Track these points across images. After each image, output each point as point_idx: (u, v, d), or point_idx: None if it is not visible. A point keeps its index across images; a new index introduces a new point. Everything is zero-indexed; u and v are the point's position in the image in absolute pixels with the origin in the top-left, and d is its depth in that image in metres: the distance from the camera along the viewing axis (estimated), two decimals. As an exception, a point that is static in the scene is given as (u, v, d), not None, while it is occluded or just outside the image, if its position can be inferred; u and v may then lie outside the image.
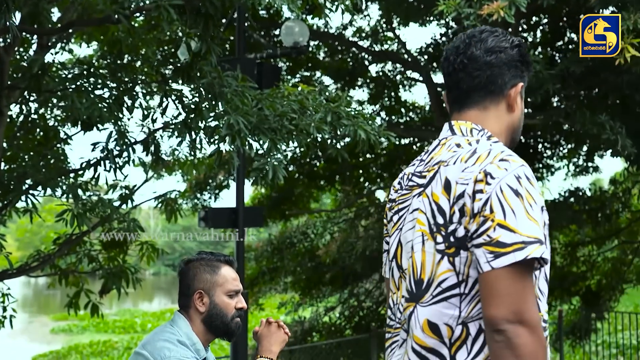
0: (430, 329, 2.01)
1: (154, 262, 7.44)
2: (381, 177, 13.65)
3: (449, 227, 2.00)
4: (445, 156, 2.10)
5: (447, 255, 2.00)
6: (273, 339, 3.16)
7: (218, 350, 19.91)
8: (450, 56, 2.21)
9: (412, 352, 2.04)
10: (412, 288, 2.07)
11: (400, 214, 2.19)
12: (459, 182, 1.99)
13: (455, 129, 2.18)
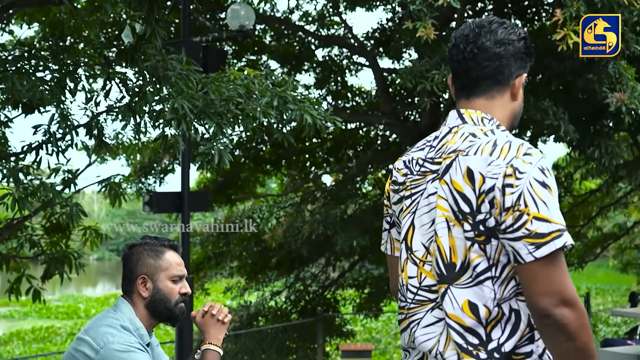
0: (470, 309, 2.15)
1: (98, 247, 7.35)
2: (327, 161, 13.67)
3: (476, 217, 2.14)
4: (462, 145, 2.21)
5: (478, 242, 2.15)
6: (216, 326, 3.15)
7: (163, 335, 19.81)
8: (460, 44, 2.31)
9: (451, 330, 2.17)
10: (443, 270, 2.20)
11: (413, 198, 2.30)
12: (487, 176, 2.12)
13: (465, 118, 2.29)
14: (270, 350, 12.04)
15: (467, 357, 2.14)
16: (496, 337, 2.14)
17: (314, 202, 13.08)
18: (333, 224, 10.66)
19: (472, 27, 2.31)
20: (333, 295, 13.68)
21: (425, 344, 2.24)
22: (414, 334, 2.28)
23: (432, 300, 2.25)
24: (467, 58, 2.30)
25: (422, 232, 2.27)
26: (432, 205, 2.23)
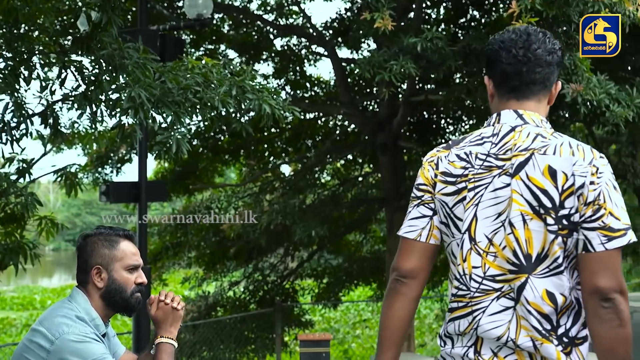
0: (549, 297, 2.35)
1: (54, 237, 7.27)
2: (286, 151, 13.65)
3: (559, 212, 2.35)
4: (533, 144, 2.41)
5: (561, 235, 2.35)
6: (170, 319, 3.13)
7: (120, 326, 19.70)
8: (512, 48, 2.50)
9: (531, 316, 2.36)
10: (522, 261, 2.37)
11: (477, 190, 2.44)
12: (576, 174, 2.35)
13: (526, 118, 2.49)
14: (229, 340, 12.02)
15: (546, 342, 2.34)
16: (564, 323, 2.37)
17: (272, 192, 13.07)
18: (292, 214, 10.66)
19: (519, 34, 2.52)
20: (292, 285, 13.69)
21: (493, 331, 2.39)
22: (479, 321, 2.41)
23: (497, 289, 2.40)
24: (520, 62, 2.49)
25: (485, 224, 2.42)
26: (500, 199, 2.40)
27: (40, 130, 5.68)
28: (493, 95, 2.59)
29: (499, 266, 2.39)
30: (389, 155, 11.12)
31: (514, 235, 2.37)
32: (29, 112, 5.38)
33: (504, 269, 2.38)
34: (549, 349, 2.35)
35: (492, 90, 2.59)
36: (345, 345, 16.53)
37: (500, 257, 2.39)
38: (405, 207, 2.80)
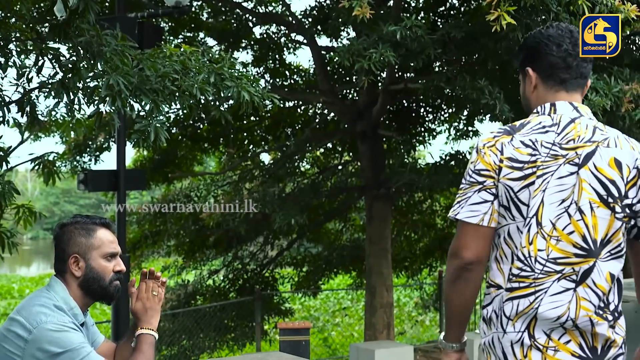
0: (611, 279, 2.59)
1: (32, 226, 7.22)
2: (265, 139, 13.64)
3: (623, 201, 2.58)
4: (595, 137, 2.62)
5: (624, 222, 2.60)
6: (149, 312, 3.13)
7: (99, 315, 19.64)
8: (562, 43, 2.73)
9: (595, 297, 2.58)
10: (591, 246, 2.57)
11: (544, 177, 2.57)
12: (638, 167, 2.61)
13: (581, 111, 2.69)
14: (209, 328, 12.02)
15: (601, 320, 2.56)
16: (612, 300, 2.60)
17: (252, 181, 13.05)
18: (271, 203, 10.64)
19: (564, 30, 2.78)
20: (271, 274, 13.69)
21: (552, 312, 2.55)
22: (540, 301, 2.56)
23: (558, 271, 2.57)
24: (571, 56, 2.73)
25: (550, 210, 2.57)
26: (565, 186, 2.57)
27: (17, 118, 5.63)
28: (537, 86, 2.74)
29: (562, 249, 2.57)
30: (369, 143, 11.12)
31: (583, 221, 2.57)
32: (6, 99, 5.33)
33: (568, 253, 2.57)
34: (603, 327, 2.57)
35: (536, 81, 2.74)
36: (325, 333, 16.56)
37: (565, 241, 2.57)
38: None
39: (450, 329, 2.77)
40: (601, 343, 2.58)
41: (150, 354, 3.02)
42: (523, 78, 2.80)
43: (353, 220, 14.57)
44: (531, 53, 2.75)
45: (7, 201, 6.19)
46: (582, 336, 2.57)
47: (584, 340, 2.58)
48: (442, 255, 13.41)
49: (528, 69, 2.76)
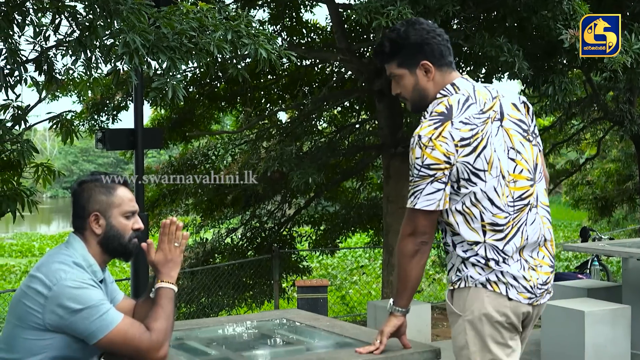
0: (545, 192, 3.26)
1: (51, 184, 7.28)
2: (282, 98, 13.58)
3: (529, 130, 3.31)
4: (493, 93, 3.20)
5: (536, 146, 3.31)
6: (170, 264, 3.14)
7: (119, 272, 19.82)
8: (437, 35, 3.17)
9: (546, 212, 3.23)
10: (533, 174, 3.18)
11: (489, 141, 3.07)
12: (523, 101, 3.34)
13: (469, 80, 3.24)
14: (227, 286, 12.09)
15: (551, 227, 3.25)
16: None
17: (269, 139, 13.03)
18: (288, 161, 10.63)
19: (429, 23, 3.18)
20: (289, 232, 13.73)
21: (535, 235, 3.15)
22: (527, 232, 3.11)
23: (526, 204, 3.12)
24: (447, 42, 3.19)
25: (504, 162, 3.10)
26: (501, 139, 3.11)
27: (35, 77, 5.64)
28: (434, 75, 3.14)
29: (520, 187, 3.11)
30: (386, 102, 11.06)
31: (523, 158, 3.13)
32: (23, 58, 5.33)
33: (524, 187, 3.12)
34: (552, 232, 3.27)
35: (431, 68, 3.13)
36: (342, 291, 16.64)
37: (520, 179, 3.11)
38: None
39: (405, 296, 3.15)
40: (553, 247, 3.25)
41: (169, 308, 3.03)
42: (415, 72, 3.14)
43: (370, 178, 14.55)
44: (422, 48, 3.12)
45: (26, 160, 6.23)
46: (546, 248, 3.20)
47: (548, 252, 3.20)
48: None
49: (425, 62, 3.12)
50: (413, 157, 3.02)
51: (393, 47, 3.16)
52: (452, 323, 3.14)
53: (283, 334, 3.70)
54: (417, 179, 3.02)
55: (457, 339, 3.11)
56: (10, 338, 2.98)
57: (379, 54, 3.22)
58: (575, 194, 20.69)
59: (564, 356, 6.67)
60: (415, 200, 3.03)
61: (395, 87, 3.23)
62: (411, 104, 3.23)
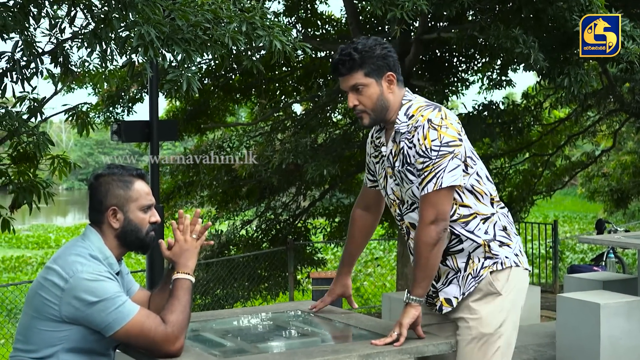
0: None
1: (67, 176, 7.30)
2: (297, 90, 13.58)
3: None
4: None
5: None
6: (186, 254, 3.14)
7: (134, 264, 19.90)
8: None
9: None
10: None
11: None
12: None
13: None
14: (242, 278, 12.11)
15: None
16: None
17: (284, 131, 13.03)
18: (303, 153, 10.63)
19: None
20: (304, 224, 13.73)
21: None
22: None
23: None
24: None
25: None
26: None
27: (51, 69, 5.66)
28: (394, 85, 3.29)
29: None
30: (401, 93, 11.03)
31: None
32: (39, 50, 5.35)
33: None
34: None
35: (394, 80, 3.30)
36: (357, 283, 16.64)
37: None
38: None
39: (424, 285, 3.20)
40: None
41: (186, 300, 3.03)
42: (380, 82, 3.27)
43: (385, 171, 14.49)
44: (387, 60, 3.28)
45: (42, 152, 6.25)
46: None
47: None
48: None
49: (391, 74, 3.28)
50: (428, 142, 3.14)
51: (361, 56, 3.25)
52: (484, 304, 3.27)
53: (298, 326, 3.71)
54: (438, 159, 3.13)
55: (493, 320, 3.25)
56: (27, 329, 3.00)
57: (346, 62, 3.27)
58: (590, 186, 20.58)
59: (579, 348, 6.65)
60: (440, 180, 3.13)
61: (355, 99, 3.30)
62: (372, 115, 3.31)
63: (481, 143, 13.26)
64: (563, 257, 18.77)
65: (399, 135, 3.28)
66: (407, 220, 3.39)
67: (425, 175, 3.15)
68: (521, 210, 13.83)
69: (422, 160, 3.16)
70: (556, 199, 30.20)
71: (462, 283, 3.30)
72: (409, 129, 3.23)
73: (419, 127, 3.18)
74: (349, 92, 3.31)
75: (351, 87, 3.29)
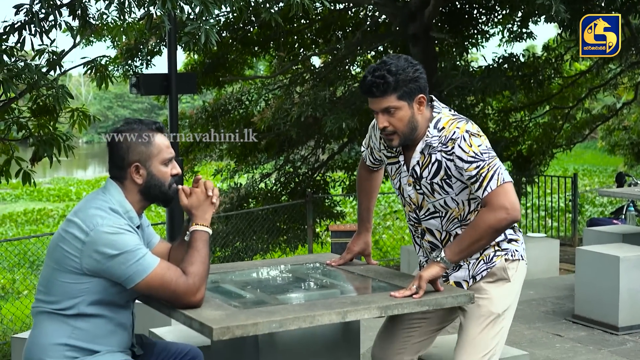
0: None
1: (86, 129, 7.33)
2: (316, 43, 13.50)
3: None
4: None
5: None
6: (203, 207, 3.15)
7: (154, 217, 20.02)
8: None
9: None
10: None
11: None
12: None
13: None
14: (261, 231, 12.17)
15: None
16: None
17: (302, 84, 12.98)
18: (322, 106, 10.60)
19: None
20: (323, 177, 13.74)
21: None
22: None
23: None
24: None
25: None
26: None
27: (69, 22, 5.65)
28: (424, 107, 3.33)
29: None
30: (421, 46, 10.96)
31: None
32: (57, 3, 5.33)
33: None
34: None
35: (424, 102, 3.33)
36: (376, 236, 16.68)
37: None
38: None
39: (462, 256, 3.28)
40: None
41: (204, 251, 3.06)
42: (412, 105, 3.29)
43: (404, 123, 14.42)
44: (418, 82, 3.29)
45: (62, 105, 6.26)
46: None
47: None
48: (494, 158, 13.28)
49: (422, 96, 3.29)
50: (475, 148, 3.24)
51: (395, 79, 3.24)
52: (495, 287, 3.43)
53: (317, 278, 3.73)
54: (491, 160, 3.25)
55: (501, 302, 3.41)
56: (49, 281, 3.03)
57: (380, 85, 3.26)
58: (611, 140, 20.45)
59: (598, 301, 6.66)
60: (501, 177, 3.23)
61: (385, 121, 3.31)
62: (401, 137, 3.33)
63: (501, 96, 13.17)
64: (582, 211, 18.73)
65: (430, 148, 3.33)
66: (424, 226, 3.49)
67: (483, 176, 3.23)
68: (541, 164, 13.77)
69: (476, 164, 3.23)
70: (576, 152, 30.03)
71: (471, 268, 3.43)
72: (442, 141, 3.30)
73: (457, 139, 3.25)
74: (380, 113, 3.32)
75: (383, 110, 3.31)
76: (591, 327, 6.65)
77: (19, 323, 8.84)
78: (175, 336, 3.99)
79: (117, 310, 3.07)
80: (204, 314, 2.88)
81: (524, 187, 13.31)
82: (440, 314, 3.55)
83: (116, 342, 3.08)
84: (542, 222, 13.70)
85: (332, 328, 3.24)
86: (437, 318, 3.57)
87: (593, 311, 6.71)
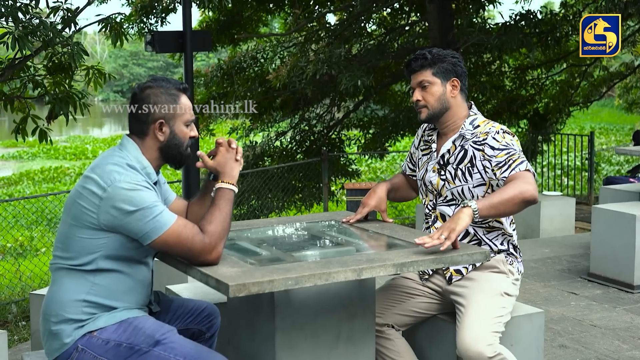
0: None
1: (102, 87, 7.33)
2: (331, 0, 13.40)
3: None
4: None
5: None
6: (230, 163, 3.15)
7: (170, 175, 20.09)
8: None
9: None
10: None
11: None
12: None
13: None
14: (277, 189, 12.19)
15: None
16: None
17: (318, 42, 12.90)
18: (337, 64, 10.54)
19: None
20: (338, 136, 13.72)
21: None
22: None
23: None
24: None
25: None
26: None
27: (84, -21, 5.63)
28: (457, 91, 3.66)
29: None
30: (437, 3, 10.87)
31: None
32: (72, -40, 5.31)
33: None
34: None
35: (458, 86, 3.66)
36: (391, 194, 16.65)
37: None
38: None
39: (489, 212, 3.34)
40: None
41: (227, 210, 3.06)
42: (445, 84, 3.63)
43: (420, 81, 14.34)
44: (455, 68, 3.65)
45: (77, 62, 6.26)
46: None
47: None
48: (510, 117, 13.24)
49: (456, 79, 3.64)
50: (508, 139, 3.54)
51: (433, 57, 3.63)
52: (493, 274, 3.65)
53: (333, 235, 3.74)
54: (521, 153, 3.53)
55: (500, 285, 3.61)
56: (66, 237, 3.05)
57: (419, 59, 3.65)
58: (628, 97, 20.30)
59: (613, 259, 6.66)
60: (528, 165, 3.49)
61: (419, 94, 3.67)
62: (431, 111, 3.67)
63: (518, 53, 13.06)
64: (599, 169, 18.65)
65: (462, 139, 3.63)
66: (439, 211, 3.71)
67: (513, 160, 3.47)
68: (557, 122, 13.71)
69: (507, 151, 3.49)
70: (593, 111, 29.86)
71: None
72: (475, 135, 3.59)
73: (490, 132, 3.56)
74: (416, 88, 3.67)
75: (418, 83, 3.66)
76: (606, 285, 6.66)
77: (37, 280, 8.93)
78: (191, 293, 4.02)
79: (135, 267, 3.09)
80: (220, 271, 2.90)
81: (540, 146, 13.25)
82: (432, 300, 3.73)
83: (134, 299, 3.11)
84: (558, 181, 13.66)
85: (348, 285, 3.25)
86: (426, 303, 3.74)
87: (608, 269, 6.71)
